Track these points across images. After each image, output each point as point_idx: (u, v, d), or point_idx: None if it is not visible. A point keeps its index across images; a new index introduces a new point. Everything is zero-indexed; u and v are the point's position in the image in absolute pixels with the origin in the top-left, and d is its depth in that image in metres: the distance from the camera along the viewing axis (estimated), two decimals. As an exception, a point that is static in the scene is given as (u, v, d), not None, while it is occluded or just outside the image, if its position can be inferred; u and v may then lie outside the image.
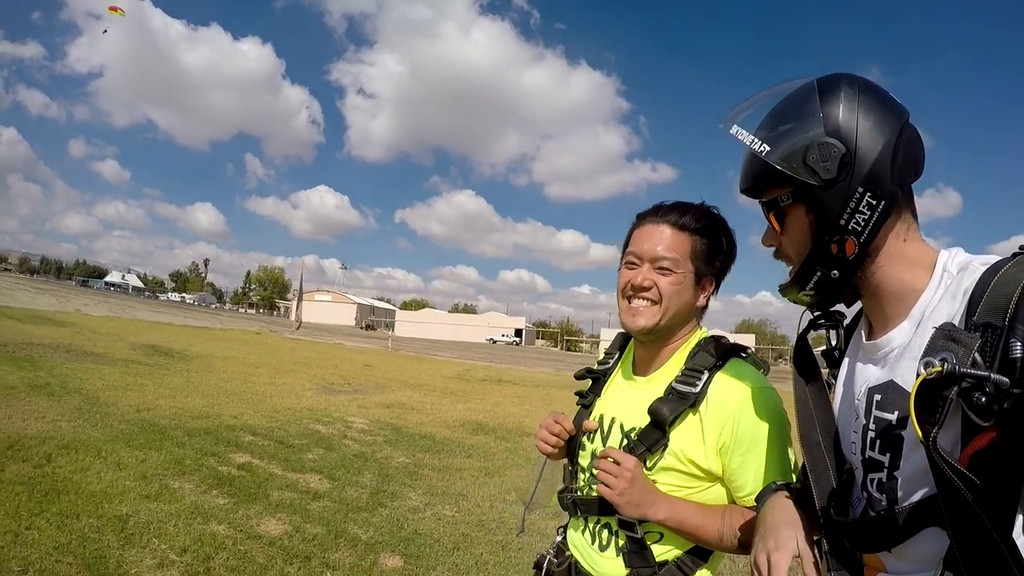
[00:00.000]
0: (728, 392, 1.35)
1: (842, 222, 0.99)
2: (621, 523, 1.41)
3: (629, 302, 1.46)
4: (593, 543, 1.49)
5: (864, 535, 0.99)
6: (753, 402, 1.33)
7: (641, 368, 1.55)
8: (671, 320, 1.44)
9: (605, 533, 1.47)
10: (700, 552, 1.40)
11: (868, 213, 0.98)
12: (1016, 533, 0.81)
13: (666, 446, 1.37)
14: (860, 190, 0.97)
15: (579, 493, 1.55)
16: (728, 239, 1.49)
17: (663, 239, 1.44)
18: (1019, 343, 0.78)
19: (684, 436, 1.36)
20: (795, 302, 1.13)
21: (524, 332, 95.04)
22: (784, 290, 1.11)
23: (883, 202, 0.97)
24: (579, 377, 1.71)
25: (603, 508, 1.42)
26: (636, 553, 1.39)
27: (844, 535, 1.02)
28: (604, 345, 1.74)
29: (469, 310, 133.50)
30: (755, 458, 1.33)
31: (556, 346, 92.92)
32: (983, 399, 0.78)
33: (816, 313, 1.19)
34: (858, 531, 1.00)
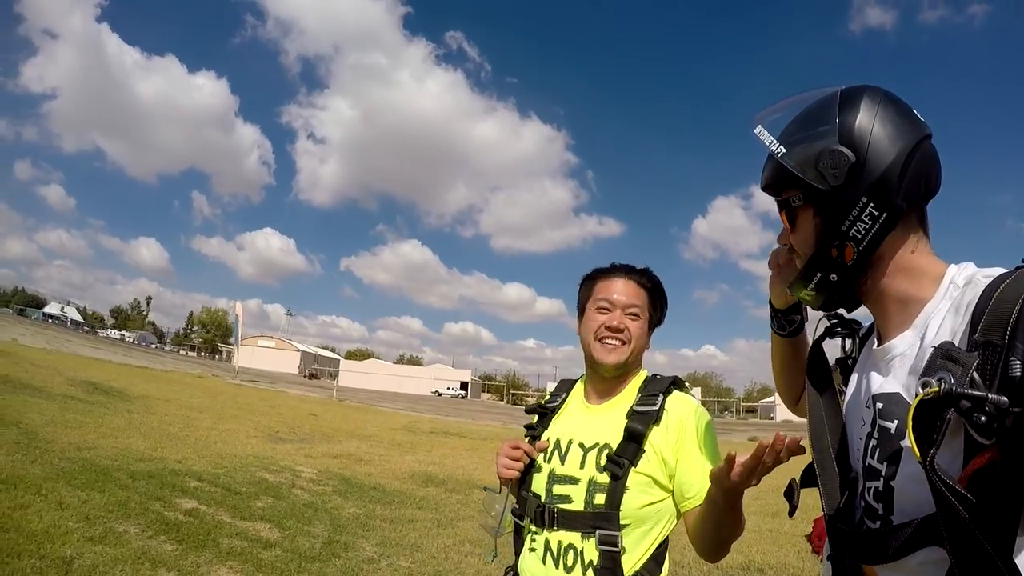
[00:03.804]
0: (679, 407, 1.62)
1: (843, 228, 1.02)
2: (601, 539, 1.50)
3: (602, 342, 1.68)
4: (557, 567, 1.55)
5: (864, 548, 0.99)
6: (697, 415, 1.61)
7: (595, 398, 1.74)
8: (635, 357, 1.70)
9: (571, 555, 1.54)
10: (657, 561, 1.54)
11: (869, 223, 1.00)
12: (1017, 553, 0.80)
13: (643, 453, 1.55)
14: (864, 200, 1.00)
15: (541, 511, 1.61)
16: (665, 297, 1.78)
17: (632, 291, 1.71)
18: (1019, 361, 0.78)
19: (652, 444, 1.56)
20: (801, 300, 1.17)
21: (470, 385, 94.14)
22: (792, 287, 1.16)
23: (885, 214, 0.99)
24: (530, 411, 1.86)
25: (576, 522, 1.54)
26: (608, 569, 1.49)
27: (845, 546, 1.03)
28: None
29: (414, 361, 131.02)
30: (700, 460, 1.54)
31: (502, 399, 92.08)
32: (983, 418, 0.78)
33: (833, 321, 1.25)
34: (858, 543, 1.00)
